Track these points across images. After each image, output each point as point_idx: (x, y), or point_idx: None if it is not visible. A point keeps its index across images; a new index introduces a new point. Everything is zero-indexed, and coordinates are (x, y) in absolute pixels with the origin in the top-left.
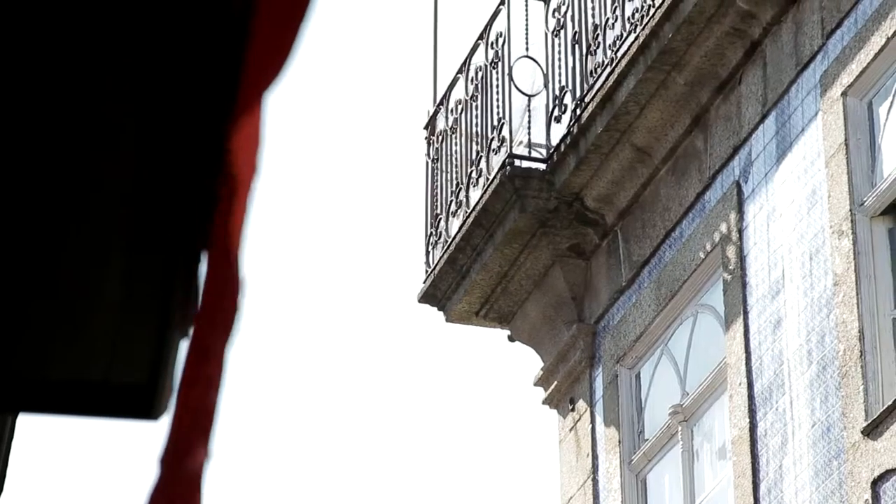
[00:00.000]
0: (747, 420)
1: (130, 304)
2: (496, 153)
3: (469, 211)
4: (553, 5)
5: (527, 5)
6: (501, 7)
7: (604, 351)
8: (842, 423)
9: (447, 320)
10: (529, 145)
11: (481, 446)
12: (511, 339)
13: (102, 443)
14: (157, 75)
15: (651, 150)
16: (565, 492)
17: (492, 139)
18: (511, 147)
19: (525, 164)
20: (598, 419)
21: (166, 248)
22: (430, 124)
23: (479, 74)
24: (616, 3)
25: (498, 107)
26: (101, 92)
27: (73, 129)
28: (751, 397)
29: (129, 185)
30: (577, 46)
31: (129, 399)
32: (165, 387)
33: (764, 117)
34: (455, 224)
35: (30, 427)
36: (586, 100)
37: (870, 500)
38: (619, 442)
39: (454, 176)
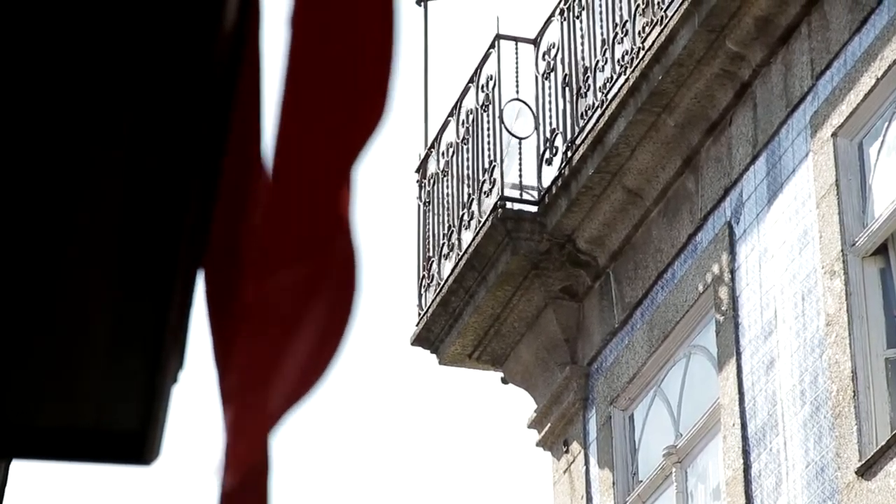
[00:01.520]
0: (741, 461)
1: (120, 350)
2: (487, 196)
3: (461, 253)
4: (543, 48)
5: (517, 48)
6: (491, 50)
7: (597, 393)
8: (836, 464)
9: (440, 363)
10: (521, 188)
11: (476, 490)
12: (504, 381)
13: (96, 488)
14: (144, 118)
15: (642, 192)
16: None
17: (483, 182)
18: (502, 189)
19: (517, 206)
20: (593, 461)
21: (156, 294)
22: (422, 167)
23: (470, 117)
24: (606, 46)
25: (489, 149)
26: (87, 138)
27: (60, 178)
28: (744, 438)
29: (117, 231)
30: (567, 89)
31: (121, 444)
32: (157, 432)
33: (755, 158)
34: (447, 267)
35: (23, 473)
36: (577, 142)
37: None
38: (614, 483)
39: (446, 219)
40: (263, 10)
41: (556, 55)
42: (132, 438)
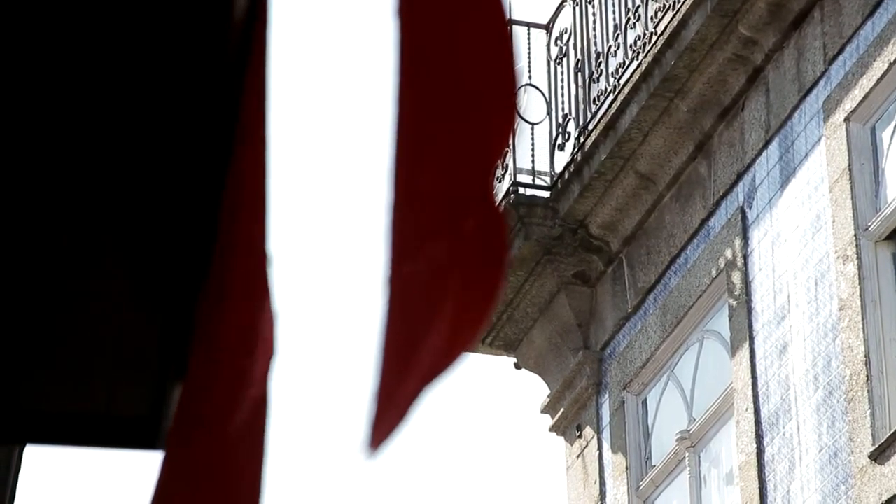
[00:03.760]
0: (754, 445)
1: (131, 337)
2: (500, 181)
3: None
4: (555, 33)
5: (529, 33)
6: None
7: (610, 377)
8: (849, 448)
9: None
10: (533, 173)
11: (489, 474)
12: (517, 366)
13: (109, 473)
14: (149, 157)
15: (655, 177)
16: None
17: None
18: (515, 175)
19: (529, 191)
20: (606, 446)
21: (167, 282)
22: None
23: None
24: (618, 31)
25: None
26: (106, 167)
27: (78, 170)
28: (758, 423)
29: (127, 223)
30: (579, 74)
31: (132, 430)
32: (167, 418)
33: (767, 143)
34: None
35: (37, 458)
36: (589, 127)
37: None
38: (627, 468)
39: None
40: (271, 4)
41: (568, 40)
42: (143, 424)
